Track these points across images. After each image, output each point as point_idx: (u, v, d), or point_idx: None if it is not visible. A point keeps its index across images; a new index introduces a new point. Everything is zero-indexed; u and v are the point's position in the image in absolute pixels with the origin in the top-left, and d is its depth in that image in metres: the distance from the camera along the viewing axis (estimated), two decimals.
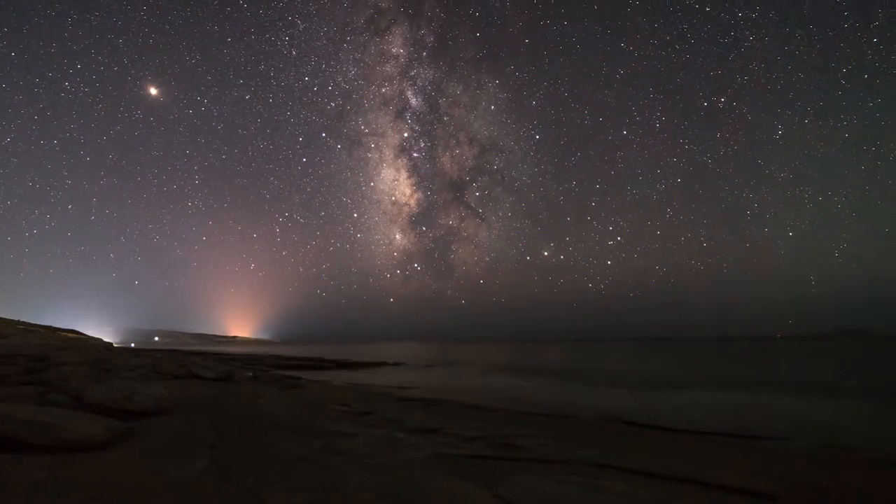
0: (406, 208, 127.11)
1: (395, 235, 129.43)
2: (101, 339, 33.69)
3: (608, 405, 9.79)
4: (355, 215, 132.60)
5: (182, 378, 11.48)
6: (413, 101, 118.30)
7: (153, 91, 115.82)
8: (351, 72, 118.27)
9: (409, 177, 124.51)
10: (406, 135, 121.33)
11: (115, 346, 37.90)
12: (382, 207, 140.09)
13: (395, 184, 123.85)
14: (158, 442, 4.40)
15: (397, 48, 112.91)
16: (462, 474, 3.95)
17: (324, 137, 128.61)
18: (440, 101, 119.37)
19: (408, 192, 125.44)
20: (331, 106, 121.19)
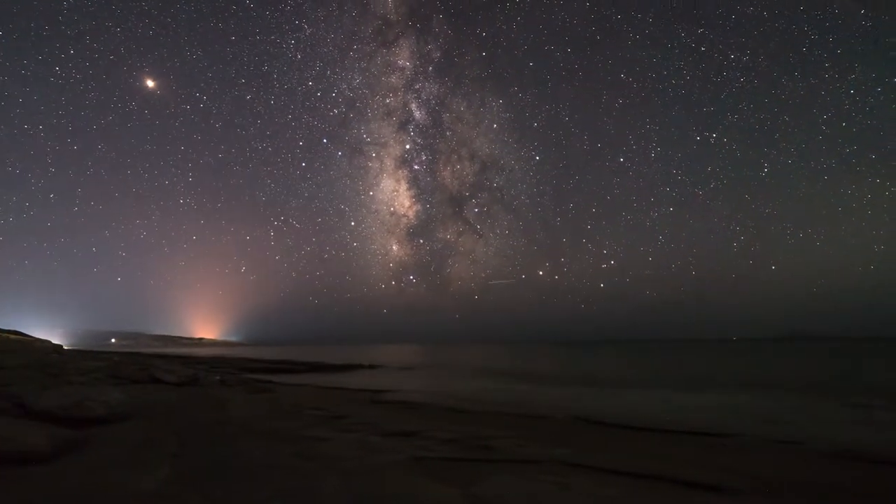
0: (404, 220, 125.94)
1: (391, 246, 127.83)
2: (48, 342, 31.17)
3: (581, 406, 10.06)
4: (352, 223, 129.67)
5: (142, 383, 10.85)
6: (417, 114, 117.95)
7: (150, 83, 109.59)
8: (356, 80, 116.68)
9: (408, 188, 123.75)
10: (408, 146, 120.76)
11: (65, 348, 35.20)
12: (380, 217, 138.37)
13: (395, 195, 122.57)
14: (114, 452, 4.13)
15: (403, 60, 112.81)
16: (437, 477, 3.95)
17: (325, 143, 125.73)
18: (444, 115, 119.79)
19: (407, 203, 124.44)
20: (333, 112, 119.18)
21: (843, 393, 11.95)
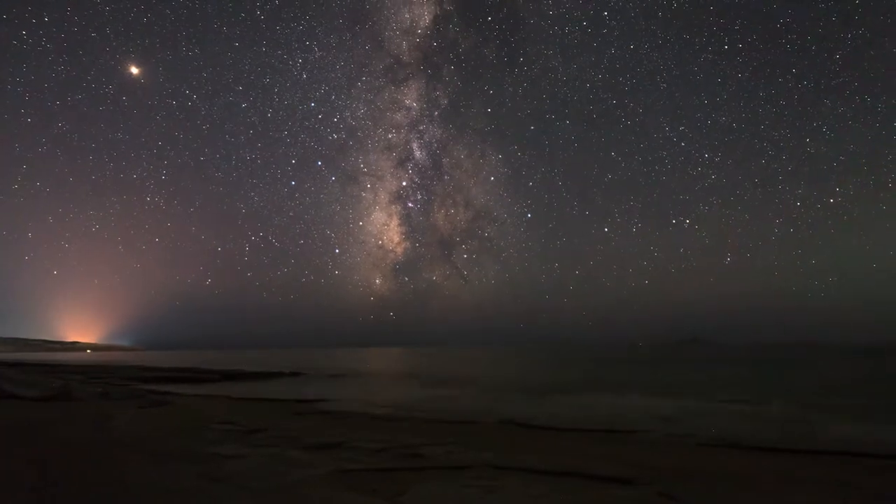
0: (391, 255, 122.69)
1: (375, 280, 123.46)
2: None
3: (507, 410, 10.49)
4: (337, 251, 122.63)
5: None
6: (417, 154, 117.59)
7: (134, 70, 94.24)
8: (360, 110, 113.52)
9: (400, 224, 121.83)
10: (405, 183, 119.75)
11: None
12: (367, 249, 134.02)
13: (385, 228, 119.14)
14: None
15: (410, 101, 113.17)
16: (364, 489, 3.78)
17: (319, 166, 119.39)
18: (444, 160, 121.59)
19: (396, 239, 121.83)
20: (333, 137, 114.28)
21: (724, 391, 14.27)
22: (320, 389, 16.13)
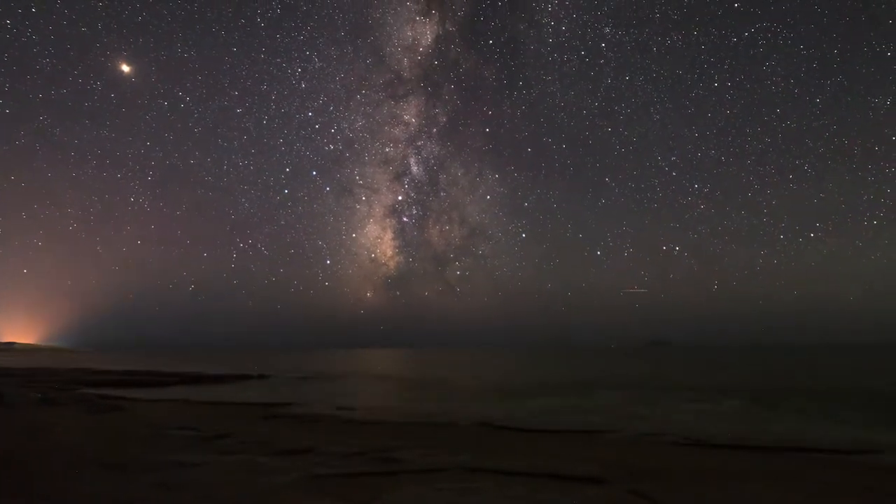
0: (384, 268, 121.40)
1: (366, 293, 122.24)
2: None
3: (484, 411, 10.49)
4: (328, 262, 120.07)
5: None
6: (414, 169, 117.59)
7: (125, 68, 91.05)
8: (358, 123, 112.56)
9: (393, 238, 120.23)
10: (400, 198, 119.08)
11: None
12: (359, 261, 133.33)
13: (378, 242, 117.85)
14: None
15: (409, 116, 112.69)
16: (337, 495, 3.64)
17: (313, 175, 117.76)
18: (441, 176, 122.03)
19: (389, 252, 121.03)
20: (329, 148, 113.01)
21: (688, 391, 14.93)
22: (291, 392, 15.56)
